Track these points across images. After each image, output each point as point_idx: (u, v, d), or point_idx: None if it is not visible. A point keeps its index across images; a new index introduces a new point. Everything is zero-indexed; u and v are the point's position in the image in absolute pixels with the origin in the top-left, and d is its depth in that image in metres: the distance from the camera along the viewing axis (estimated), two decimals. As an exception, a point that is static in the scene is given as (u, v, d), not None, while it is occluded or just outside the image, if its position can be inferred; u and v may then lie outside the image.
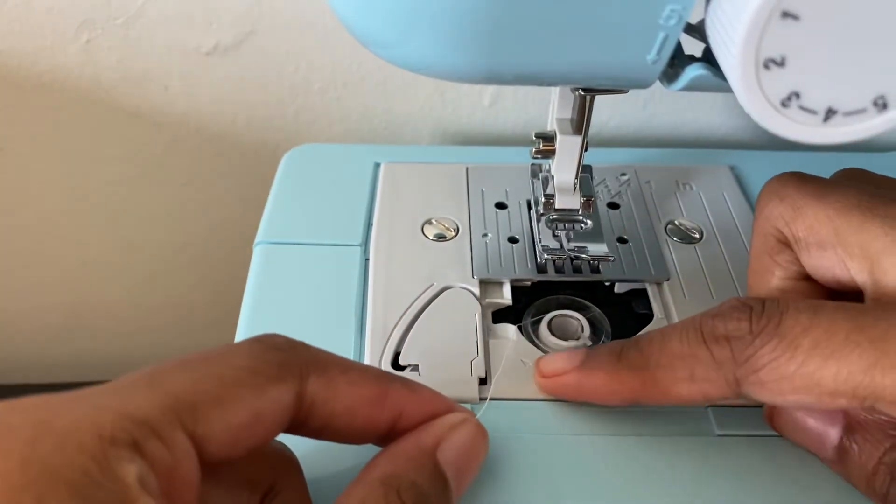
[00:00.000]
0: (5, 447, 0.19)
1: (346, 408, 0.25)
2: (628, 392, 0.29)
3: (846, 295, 0.29)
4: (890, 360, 0.23)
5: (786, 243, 0.30)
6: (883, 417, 0.28)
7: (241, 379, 0.23)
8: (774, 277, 0.31)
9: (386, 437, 0.27)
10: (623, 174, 0.44)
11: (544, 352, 0.34)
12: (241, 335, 0.35)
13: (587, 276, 0.38)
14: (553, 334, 0.35)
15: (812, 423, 0.29)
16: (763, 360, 0.25)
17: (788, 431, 0.31)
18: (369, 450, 0.27)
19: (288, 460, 0.28)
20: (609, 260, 0.37)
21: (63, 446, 0.19)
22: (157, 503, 0.20)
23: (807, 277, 0.30)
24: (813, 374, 0.24)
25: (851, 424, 0.28)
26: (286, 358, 0.24)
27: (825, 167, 0.45)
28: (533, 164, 0.39)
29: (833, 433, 0.29)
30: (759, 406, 0.32)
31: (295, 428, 0.25)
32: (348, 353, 0.34)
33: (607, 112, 0.52)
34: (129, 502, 0.19)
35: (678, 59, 0.25)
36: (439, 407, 0.28)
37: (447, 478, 0.26)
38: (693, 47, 0.25)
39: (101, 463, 0.19)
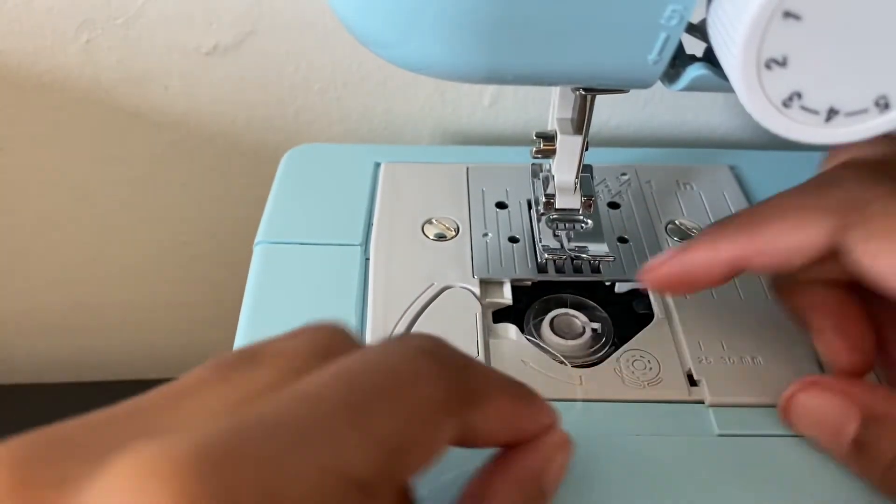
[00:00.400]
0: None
1: (488, 435, 0.24)
2: (732, 250, 0.29)
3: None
4: None
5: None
6: None
7: (430, 419, 0.21)
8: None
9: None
10: (623, 174, 0.44)
11: (544, 352, 0.34)
12: (241, 335, 0.35)
13: (588, 276, 0.38)
14: (556, 333, 0.35)
15: (829, 414, 0.29)
16: (876, 205, 0.25)
17: (804, 425, 0.30)
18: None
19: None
20: (609, 260, 0.37)
21: None
22: None
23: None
24: None
25: (869, 416, 0.28)
26: (458, 388, 0.22)
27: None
28: (533, 164, 0.39)
29: (851, 426, 0.28)
30: (759, 406, 0.32)
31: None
32: (349, 353, 0.34)
33: (608, 112, 0.52)
34: None
35: (679, 59, 0.25)
36: (548, 420, 0.26)
37: (545, 497, 0.26)
38: (694, 47, 0.25)
39: None
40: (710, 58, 0.24)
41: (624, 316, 0.37)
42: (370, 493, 0.18)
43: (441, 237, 0.40)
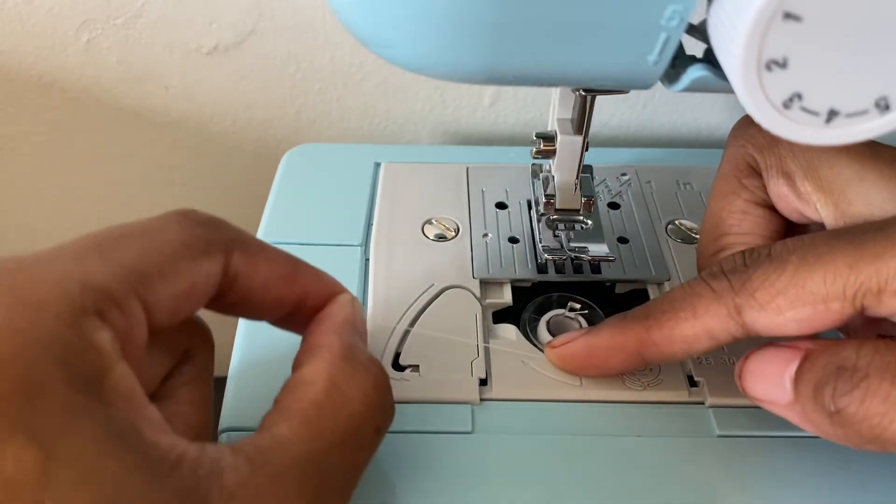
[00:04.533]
0: None
1: (262, 284, 0.27)
2: (634, 343, 0.30)
3: (804, 228, 0.31)
4: (869, 251, 0.24)
5: (756, 170, 0.31)
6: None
7: (178, 252, 0.24)
8: (739, 199, 0.31)
9: (290, 314, 0.29)
10: (623, 174, 0.44)
11: (544, 352, 0.34)
12: (242, 335, 0.35)
13: (588, 277, 0.38)
14: (552, 334, 0.35)
15: (773, 360, 0.28)
16: (757, 281, 0.26)
17: (750, 384, 0.29)
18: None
19: (201, 328, 0.29)
20: (609, 260, 0.37)
21: (41, 317, 0.20)
22: (126, 366, 0.21)
23: (769, 206, 0.31)
24: (804, 283, 0.25)
25: (808, 356, 0.27)
26: (213, 234, 0.26)
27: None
28: (533, 164, 0.39)
29: (792, 366, 0.27)
30: (760, 407, 0.32)
31: (213, 302, 0.27)
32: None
33: (608, 112, 0.52)
34: (106, 369, 0.21)
35: (679, 60, 0.25)
36: (335, 287, 0.30)
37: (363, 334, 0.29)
38: (694, 48, 0.25)
39: (77, 332, 0.20)
40: (710, 58, 0.24)
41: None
42: (110, 297, 0.21)
43: (441, 237, 0.40)
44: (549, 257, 0.37)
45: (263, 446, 0.23)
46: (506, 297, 0.37)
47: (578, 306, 0.36)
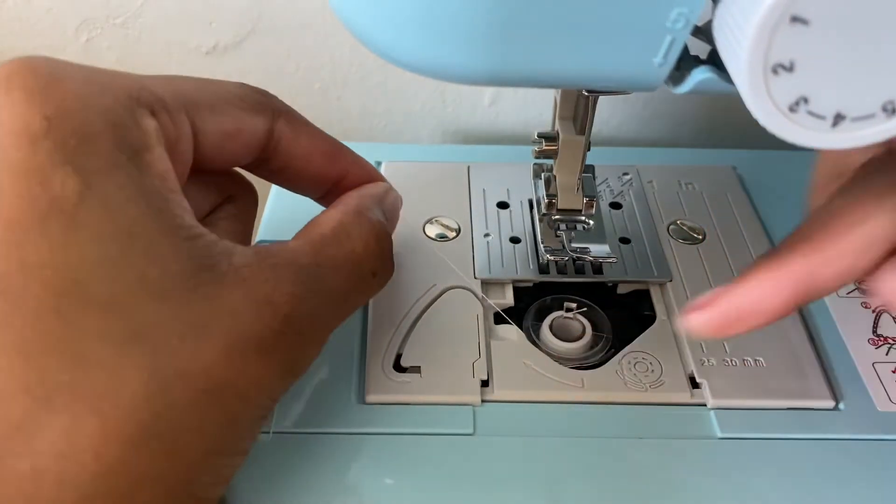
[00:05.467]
0: (66, 76, 0.24)
1: (305, 153, 0.30)
2: (790, 282, 0.25)
3: None
4: None
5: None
6: None
7: (231, 99, 0.28)
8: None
9: (329, 192, 0.32)
10: (625, 174, 0.44)
11: (545, 353, 0.34)
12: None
13: (589, 277, 0.38)
14: (555, 335, 0.35)
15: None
16: None
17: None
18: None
19: (246, 180, 0.32)
20: (611, 260, 0.37)
21: (103, 94, 0.23)
22: (167, 156, 0.25)
23: None
24: None
25: None
26: (264, 98, 0.29)
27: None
28: (535, 164, 0.39)
29: None
30: (762, 409, 0.32)
31: (259, 164, 0.30)
32: (350, 354, 0.34)
33: (609, 111, 0.52)
34: (148, 147, 0.24)
35: (684, 62, 0.24)
36: (373, 173, 0.33)
37: (388, 220, 0.32)
38: (698, 48, 0.25)
39: (130, 113, 0.24)
40: (714, 60, 0.24)
41: (626, 317, 0.37)
42: (162, 103, 0.25)
43: (442, 237, 0.39)
44: (551, 258, 0.37)
45: (272, 249, 0.26)
46: (507, 297, 0.37)
47: (574, 305, 0.36)
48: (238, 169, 0.31)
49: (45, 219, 0.22)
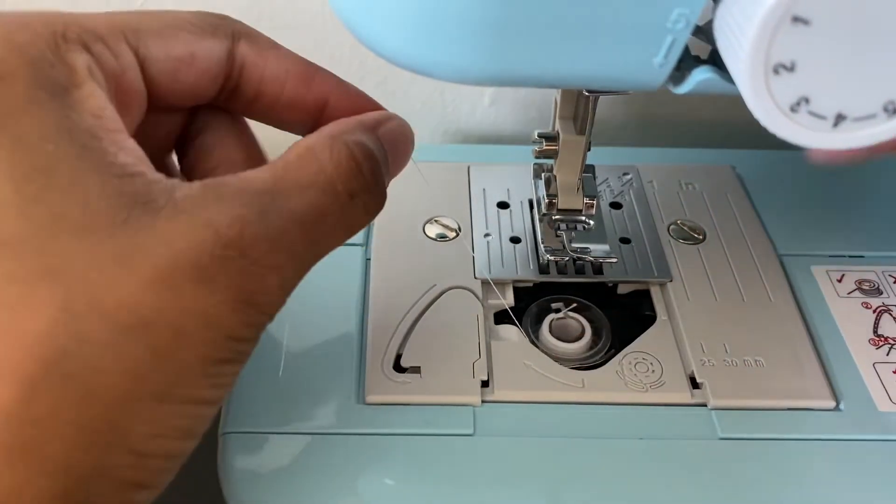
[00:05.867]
0: None
1: (275, 75, 0.28)
2: None
3: None
4: None
5: None
6: None
7: (180, 24, 0.26)
8: None
9: (314, 123, 0.29)
10: (626, 174, 0.44)
11: (546, 353, 0.34)
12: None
13: (590, 277, 0.38)
14: (554, 336, 0.35)
15: None
16: None
17: None
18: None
19: (217, 108, 0.29)
20: (612, 260, 0.37)
21: (20, 31, 0.22)
22: (104, 92, 0.23)
23: None
24: None
25: None
26: (221, 21, 0.27)
27: (830, 168, 0.45)
28: (535, 164, 0.39)
29: None
30: (762, 410, 0.32)
31: (230, 96, 0.28)
32: (350, 353, 0.34)
33: (609, 111, 0.51)
34: (76, 83, 0.22)
35: (685, 62, 0.24)
36: (364, 101, 0.30)
37: (386, 150, 0.28)
38: (699, 48, 0.25)
39: (54, 49, 0.22)
40: (715, 60, 0.24)
41: (626, 317, 0.37)
42: (95, 34, 0.23)
43: (442, 237, 0.39)
44: (551, 258, 0.37)
45: (224, 179, 0.23)
46: (507, 297, 0.37)
47: (562, 304, 0.36)
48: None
49: None
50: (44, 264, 0.20)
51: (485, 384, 0.33)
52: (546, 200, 0.37)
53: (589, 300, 0.37)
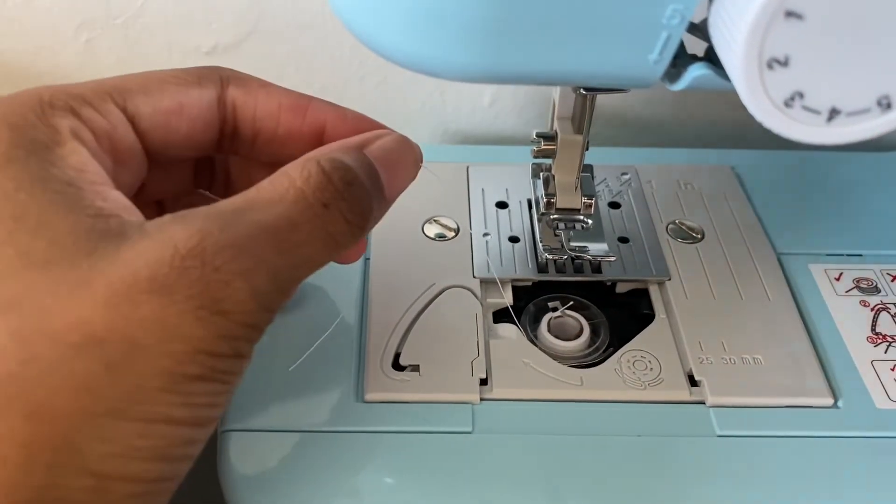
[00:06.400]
0: None
1: (267, 112, 0.29)
2: None
3: None
4: None
5: None
6: None
7: (166, 79, 0.27)
8: None
9: (317, 147, 0.29)
10: (624, 174, 0.44)
11: (545, 352, 0.34)
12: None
13: (588, 276, 0.38)
14: (552, 334, 0.35)
15: None
16: None
17: None
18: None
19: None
20: (610, 260, 0.37)
21: (10, 102, 0.24)
22: (89, 151, 0.24)
23: None
24: None
25: None
26: (206, 71, 0.29)
27: (828, 167, 0.45)
28: (534, 164, 0.39)
29: None
30: (760, 407, 0.32)
31: (231, 141, 0.29)
32: (349, 352, 0.34)
33: (609, 111, 0.52)
34: (59, 142, 0.23)
35: (680, 59, 0.24)
36: (362, 123, 0.30)
37: (376, 168, 0.27)
38: (695, 46, 0.25)
39: (40, 115, 0.24)
40: (711, 57, 0.24)
41: (625, 316, 0.37)
42: (82, 99, 0.25)
43: (441, 237, 0.40)
44: (550, 257, 0.37)
45: (196, 207, 0.24)
46: (506, 296, 0.37)
47: (559, 303, 0.36)
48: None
49: None
50: (3, 298, 0.21)
51: (483, 382, 0.33)
52: (544, 200, 0.37)
53: (587, 299, 0.37)
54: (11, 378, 0.20)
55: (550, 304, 0.37)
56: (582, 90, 0.32)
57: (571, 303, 0.36)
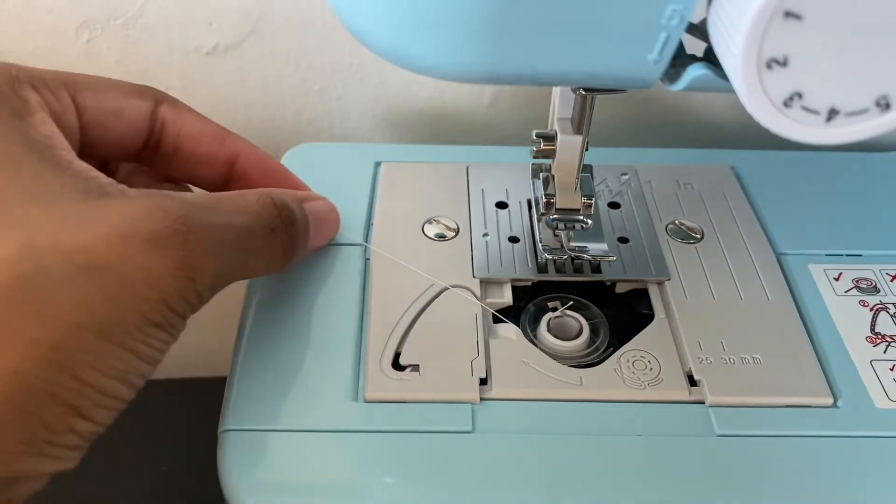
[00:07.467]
0: None
1: (191, 133, 0.34)
2: None
3: None
4: None
5: None
6: None
7: (113, 85, 0.31)
8: None
9: (226, 179, 0.35)
10: (624, 174, 0.44)
11: (545, 352, 0.34)
12: (242, 335, 0.35)
13: (588, 276, 0.38)
14: (552, 334, 0.35)
15: None
16: None
17: None
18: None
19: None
20: (610, 259, 0.37)
21: None
22: (53, 123, 0.27)
23: None
24: None
25: None
26: (147, 88, 0.33)
27: (827, 167, 0.45)
28: (534, 164, 0.39)
29: None
30: (760, 407, 0.32)
31: (152, 151, 0.33)
32: (349, 352, 0.34)
33: (608, 111, 0.52)
34: (31, 111, 0.27)
35: (680, 59, 0.25)
36: (271, 162, 0.36)
37: (308, 220, 0.34)
38: (694, 47, 0.25)
39: (11, 86, 0.27)
40: (710, 57, 0.24)
41: (624, 316, 0.37)
42: (42, 81, 0.29)
43: (441, 237, 0.40)
44: (550, 257, 0.37)
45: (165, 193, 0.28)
46: (506, 296, 0.37)
47: (559, 303, 0.36)
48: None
49: None
50: (12, 218, 0.24)
51: (483, 382, 0.33)
52: (544, 200, 0.37)
53: (587, 299, 0.37)
54: (25, 282, 0.23)
55: (550, 305, 0.37)
56: (581, 90, 0.32)
57: (571, 303, 0.36)
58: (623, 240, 0.40)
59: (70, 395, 0.24)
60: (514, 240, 0.39)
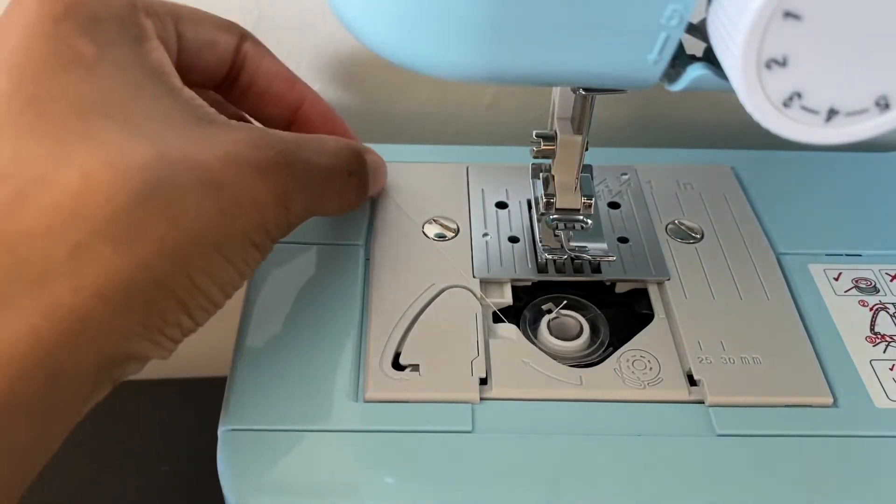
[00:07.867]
0: None
1: (267, 72, 0.36)
2: None
3: None
4: None
5: None
6: None
7: (209, 18, 0.34)
8: None
9: (290, 122, 0.38)
10: (624, 174, 0.44)
11: (544, 351, 0.34)
12: (242, 335, 0.35)
13: (588, 276, 0.38)
14: (552, 334, 0.35)
15: None
16: None
17: None
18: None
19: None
20: (610, 259, 0.37)
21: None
22: (164, 50, 0.29)
23: None
24: None
25: None
26: (235, 25, 0.35)
27: (827, 167, 0.45)
28: (534, 164, 0.39)
29: None
30: (760, 406, 0.33)
31: (230, 83, 0.36)
32: (349, 351, 0.34)
33: (608, 111, 0.52)
34: (147, 37, 0.29)
35: (679, 59, 0.25)
36: (332, 112, 0.39)
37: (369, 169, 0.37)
38: (694, 47, 0.25)
39: (131, 10, 0.29)
40: (710, 57, 0.24)
41: (624, 316, 0.37)
42: (153, 10, 0.30)
43: (441, 237, 0.40)
44: (550, 257, 0.37)
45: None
46: (506, 296, 0.37)
47: (552, 304, 0.36)
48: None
49: (68, 67, 0.26)
50: (141, 132, 0.26)
51: (483, 382, 0.33)
52: (544, 200, 0.37)
53: (587, 299, 0.37)
54: (158, 188, 0.25)
55: (544, 307, 0.37)
56: (581, 90, 0.32)
57: (565, 302, 0.36)
58: (623, 240, 0.40)
59: (183, 293, 0.27)
60: (514, 240, 0.39)
